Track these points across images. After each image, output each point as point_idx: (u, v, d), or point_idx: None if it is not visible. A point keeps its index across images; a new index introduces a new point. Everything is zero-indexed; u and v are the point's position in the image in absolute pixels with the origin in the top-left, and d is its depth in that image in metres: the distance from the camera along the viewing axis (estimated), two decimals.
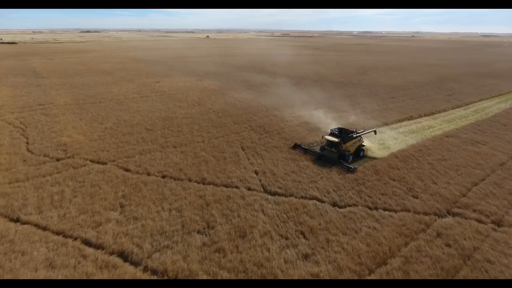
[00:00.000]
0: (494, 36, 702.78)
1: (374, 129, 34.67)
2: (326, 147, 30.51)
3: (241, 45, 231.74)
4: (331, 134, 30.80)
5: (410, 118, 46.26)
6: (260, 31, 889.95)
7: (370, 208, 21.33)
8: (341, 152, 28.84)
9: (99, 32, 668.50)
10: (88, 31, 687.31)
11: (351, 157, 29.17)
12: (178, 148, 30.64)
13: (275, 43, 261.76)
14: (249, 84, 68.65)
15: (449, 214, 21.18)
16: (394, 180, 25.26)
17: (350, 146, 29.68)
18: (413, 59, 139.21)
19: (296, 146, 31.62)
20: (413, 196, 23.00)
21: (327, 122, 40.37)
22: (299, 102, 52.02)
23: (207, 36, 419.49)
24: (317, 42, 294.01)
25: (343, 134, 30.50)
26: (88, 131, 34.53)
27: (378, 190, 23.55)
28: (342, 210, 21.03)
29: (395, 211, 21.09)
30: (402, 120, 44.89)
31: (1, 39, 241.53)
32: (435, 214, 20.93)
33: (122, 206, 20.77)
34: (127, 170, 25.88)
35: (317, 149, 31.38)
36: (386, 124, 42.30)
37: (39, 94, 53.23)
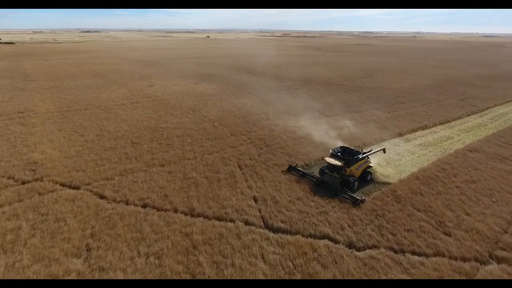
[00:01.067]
0: (495, 36, 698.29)
1: (383, 147, 29.64)
2: (326, 171, 25.31)
3: (241, 45, 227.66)
4: (333, 155, 25.60)
5: (424, 127, 42.24)
6: (260, 31, 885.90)
7: (395, 251, 17.31)
8: (345, 177, 24.05)
9: (100, 32, 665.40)
10: (88, 31, 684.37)
11: (356, 183, 24.20)
12: (165, 167, 26.62)
13: (276, 43, 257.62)
14: (248, 87, 64.61)
15: (492, 259, 17.17)
16: (419, 210, 21.23)
17: (355, 170, 24.81)
18: (418, 60, 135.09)
19: (290, 169, 26.49)
20: (445, 233, 18.97)
21: (334, 134, 36.37)
22: (303, 109, 48.00)
23: (208, 36, 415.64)
24: (318, 43, 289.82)
25: (347, 155, 25.68)
26: (65, 145, 30.51)
27: (402, 225, 19.52)
28: (360, 254, 17.00)
29: (427, 256, 17.06)
30: (416, 130, 40.85)
31: (0, 39, 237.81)
32: (476, 260, 16.91)
33: (88, 249, 16.77)
34: (102, 197, 21.86)
35: (316, 171, 26.48)
36: (400, 134, 38.26)
37: (22, 99, 49.26)
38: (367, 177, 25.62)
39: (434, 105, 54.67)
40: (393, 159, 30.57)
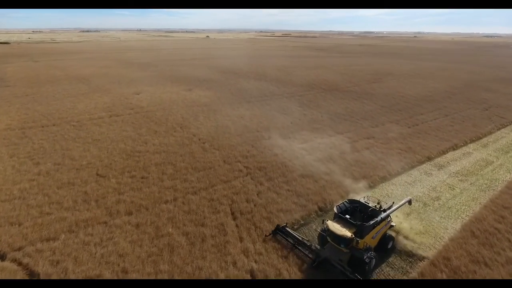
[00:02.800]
0: (496, 36, 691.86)
1: (409, 198, 20.09)
2: (329, 239, 16.72)
3: (241, 45, 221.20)
4: (338, 217, 16.94)
5: (455, 146, 35.59)
6: (261, 31, 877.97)
7: None
8: (356, 253, 15.78)
9: (99, 31, 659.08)
10: (88, 31, 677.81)
11: (374, 261, 15.97)
12: (133, 216, 19.92)
13: (277, 44, 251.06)
14: (247, 94, 58.00)
15: None
16: None
17: (371, 239, 16.64)
18: (426, 61, 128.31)
19: (277, 231, 18.12)
20: None
21: (350, 159, 29.73)
22: (310, 123, 41.35)
23: (207, 36, 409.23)
24: (320, 43, 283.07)
25: (359, 214, 17.52)
26: (9, 180, 23.78)
27: None
28: None
29: None
30: (447, 151, 34.19)
31: None
32: None
33: None
34: (32, 273, 15.20)
35: (314, 237, 18.35)
36: (429, 158, 31.58)
37: None
38: (387, 245, 17.43)
39: (457, 117, 48.04)
40: (429, 198, 23.89)
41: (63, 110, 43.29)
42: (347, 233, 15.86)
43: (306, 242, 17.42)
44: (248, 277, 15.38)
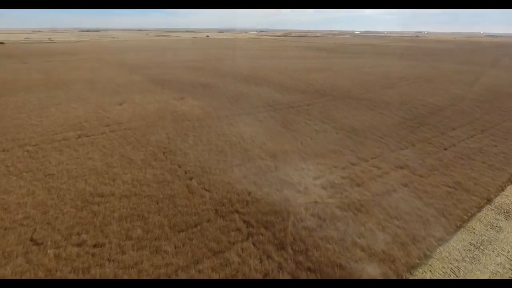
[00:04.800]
0: (498, 36, 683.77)
1: None
2: None
3: (242, 46, 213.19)
4: None
5: (511, 178, 27.98)
6: (261, 31, 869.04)
7: None
8: None
9: (99, 31, 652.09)
10: (87, 31, 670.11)
11: None
12: None
13: (277, 44, 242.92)
14: (247, 104, 50.40)
15: None
16: None
17: None
18: (435, 62, 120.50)
19: None
20: None
21: (387, 205, 22.08)
22: (325, 143, 33.64)
23: (207, 36, 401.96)
24: (321, 43, 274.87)
25: None
26: None
27: None
28: None
29: None
30: (504, 186, 26.50)
31: None
32: None
33: None
34: None
35: None
36: (488, 200, 23.91)
37: None
38: None
39: (497, 133, 40.42)
40: None
41: (23, 128, 35.59)
42: None
43: None
44: None
